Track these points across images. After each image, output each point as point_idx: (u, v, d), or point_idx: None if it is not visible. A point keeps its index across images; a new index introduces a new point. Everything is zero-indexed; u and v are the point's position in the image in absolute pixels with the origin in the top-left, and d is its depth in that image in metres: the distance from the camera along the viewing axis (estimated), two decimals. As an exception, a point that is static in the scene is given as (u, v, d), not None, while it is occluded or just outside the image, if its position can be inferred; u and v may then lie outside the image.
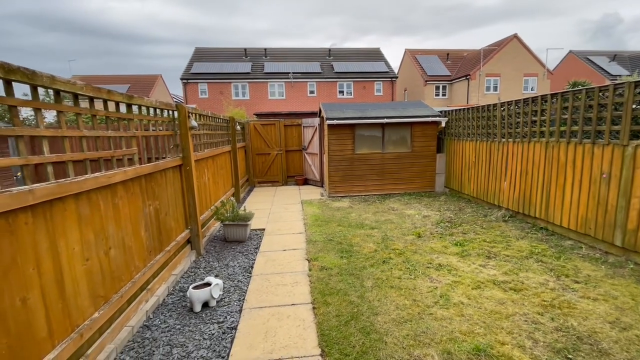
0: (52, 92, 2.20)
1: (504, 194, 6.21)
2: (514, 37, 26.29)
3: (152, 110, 3.60)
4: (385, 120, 7.90)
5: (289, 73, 25.73)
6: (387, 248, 4.60)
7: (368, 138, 8.17)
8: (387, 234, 5.20)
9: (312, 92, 26.19)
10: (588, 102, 4.41)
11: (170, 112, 4.08)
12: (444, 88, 28.42)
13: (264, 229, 5.75)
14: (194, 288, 3.20)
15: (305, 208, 7.15)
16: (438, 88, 28.31)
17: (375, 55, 29.60)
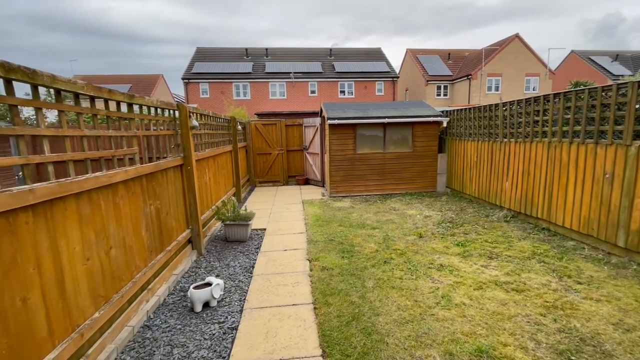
0: (53, 91, 2.20)
1: (506, 194, 6.19)
2: (516, 36, 26.23)
3: (153, 110, 3.60)
4: (387, 120, 7.88)
5: (290, 73, 25.73)
6: (388, 248, 4.58)
7: (369, 138, 8.16)
8: (388, 234, 5.18)
9: (313, 92, 26.18)
10: (591, 102, 4.39)
11: (172, 111, 4.08)
12: (445, 88, 28.37)
13: (265, 229, 5.74)
14: (195, 288, 3.19)
15: (307, 208, 7.14)
16: (439, 88, 28.26)
17: (377, 55, 29.57)
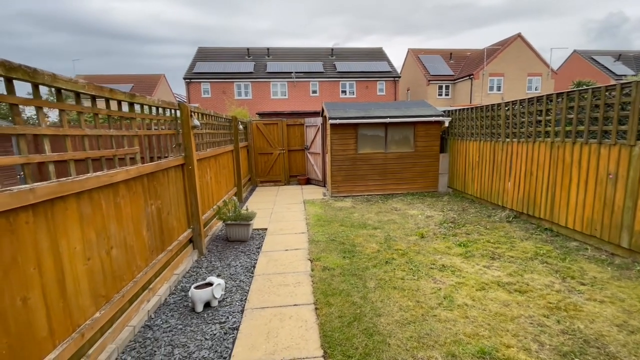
0: (54, 90, 2.19)
1: (508, 195, 6.16)
2: (518, 36, 26.14)
3: (154, 109, 3.59)
4: (388, 120, 7.86)
5: (292, 73, 25.71)
6: (390, 248, 4.56)
7: (371, 138, 8.13)
8: (389, 234, 5.16)
9: (314, 91, 26.16)
10: (594, 101, 4.36)
11: (173, 111, 4.07)
12: (447, 88, 28.30)
13: (266, 229, 5.73)
14: (196, 288, 3.18)
15: (308, 208, 7.13)
16: (441, 88, 28.19)
17: (378, 55, 29.52)
